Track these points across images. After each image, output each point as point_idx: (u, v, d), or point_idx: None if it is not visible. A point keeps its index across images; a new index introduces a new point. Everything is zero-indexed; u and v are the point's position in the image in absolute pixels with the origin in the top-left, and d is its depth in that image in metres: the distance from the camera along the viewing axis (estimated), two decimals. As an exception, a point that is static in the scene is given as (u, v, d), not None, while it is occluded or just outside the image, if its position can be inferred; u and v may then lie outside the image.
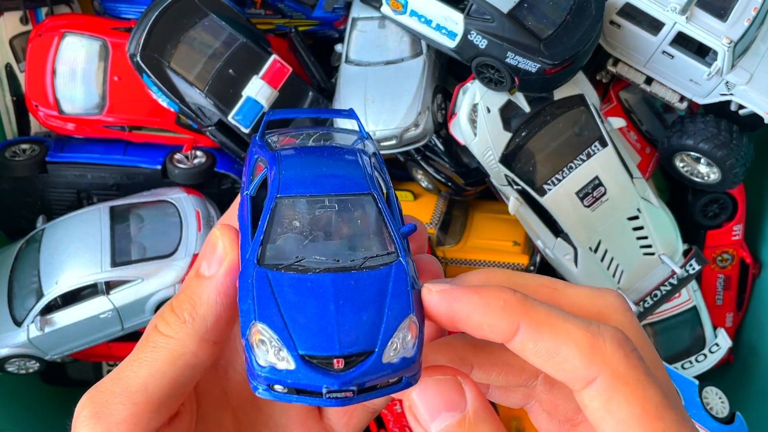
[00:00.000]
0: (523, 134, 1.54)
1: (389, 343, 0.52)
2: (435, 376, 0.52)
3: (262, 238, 0.59)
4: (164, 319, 0.58)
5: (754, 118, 1.55)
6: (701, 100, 1.58)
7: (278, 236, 0.59)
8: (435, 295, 0.55)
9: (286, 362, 0.53)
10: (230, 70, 1.57)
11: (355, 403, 0.53)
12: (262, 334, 0.54)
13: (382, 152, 1.64)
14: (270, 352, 0.53)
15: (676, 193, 1.91)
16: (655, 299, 1.64)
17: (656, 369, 0.55)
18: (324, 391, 0.51)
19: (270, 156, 0.63)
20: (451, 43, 1.50)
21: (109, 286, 1.54)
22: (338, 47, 1.75)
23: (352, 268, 0.56)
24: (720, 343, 1.79)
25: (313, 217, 0.59)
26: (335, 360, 0.52)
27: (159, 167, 1.70)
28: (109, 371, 1.85)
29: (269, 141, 0.70)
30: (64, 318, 1.55)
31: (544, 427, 0.62)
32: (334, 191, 0.59)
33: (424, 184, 1.81)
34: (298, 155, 0.64)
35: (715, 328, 1.82)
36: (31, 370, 1.63)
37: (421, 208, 1.78)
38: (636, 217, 1.58)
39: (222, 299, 0.58)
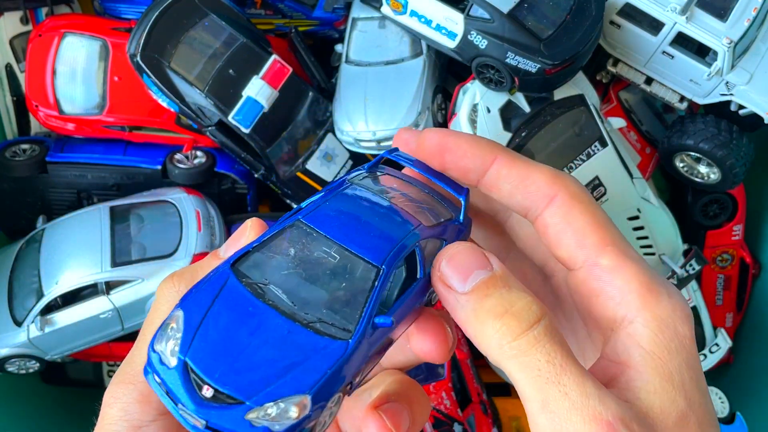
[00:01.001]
0: (523, 134, 1.54)
1: (263, 405, 0.49)
2: (462, 245, 0.57)
3: (254, 246, 0.58)
4: (173, 282, 0.61)
5: (754, 118, 1.55)
6: (701, 100, 1.58)
7: (269, 253, 0.58)
8: (432, 132, 0.66)
9: (171, 358, 0.52)
10: (230, 71, 1.57)
11: None
12: (175, 322, 0.53)
13: (382, 152, 1.63)
14: (169, 341, 0.52)
15: (676, 193, 1.91)
16: (655, 299, 1.64)
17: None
18: (179, 406, 0.50)
19: (337, 184, 0.64)
20: (451, 43, 1.50)
21: (110, 286, 1.54)
22: (338, 47, 1.75)
23: (298, 320, 0.53)
24: (720, 343, 1.80)
25: (310, 255, 0.57)
26: (206, 386, 0.50)
27: (159, 167, 1.70)
28: (109, 371, 1.87)
29: (365, 174, 0.69)
30: (64, 318, 1.55)
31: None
32: (346, 243, 0.56)
33: (424, 184, 1.81)
34: (357, 197, 0.62)
35: (715, 328, 1.82)
36: (31, 370, 1.63)
37: (421, 208, 1.78)
38: (636, 217, 1.58)
39: None
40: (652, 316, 0.55)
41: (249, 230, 0.61)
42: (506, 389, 1.85)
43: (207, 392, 0.50)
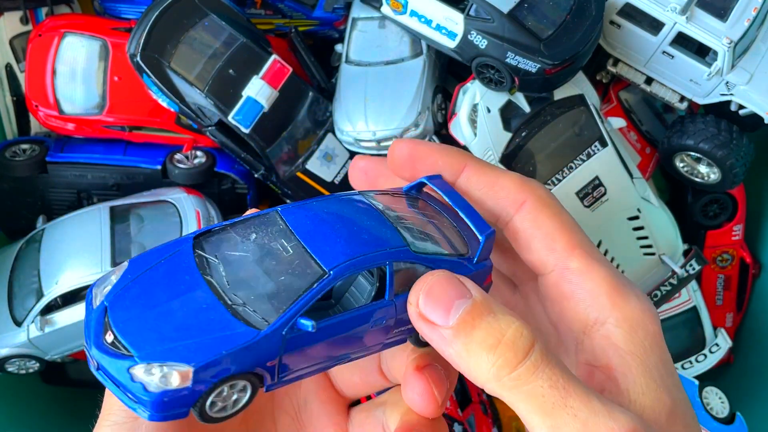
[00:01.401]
0: (523, 134, 1.54)
1: (149, 363, 0.50)
2: (437, 275, 0.55)
3: (225, 224, 0.60)
4: None
5: (755, 118, 1.55)
6: (701, 100, 1.58)
7: (234, 234, 0.59)
8: (402, 142, 0.67)
9: (97, 300, 0.55)
10: (230, 70, 1.57)
11: (99, 379, 0.53)
12: (118, 271, 0.57)
13: (382, 153, 1.64)
14: (105, 286, 0.56)
15: (676, 193, 1.91)
16: (655, 299, 1.64)
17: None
18: (84, 341, 0.54)
19: (351, 193, 0.66)
20: (451, 43, 1.50)
21: (109, 286, 1.54)
22: (338, 47, 1.75)
23: (223, 299, 0.54)
24: (720, 343, 1.80)
25: (268, 245, 0.58)
26: (109, 332, 0.53)
27: (159, 167, 1.70)
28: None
29: (386, 192, 0.69)
30: (64, 318, 1.55)
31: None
32: (305, 241, 0.57)
33: (424, 184, 1.81)
34: (353, 205, 0.62)
35: (715, 328, 1.82)
36: (31, 370, 1.63)
37: (421, 208, 1.78)
38: (636, 217, 1.58)
39: None
40: (623, 316, 0.56)
41: None
42: (506, 389, 1.85)
43: (108, 337, 0.53)
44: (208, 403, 0.53)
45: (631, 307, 0.57)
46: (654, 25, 1.50)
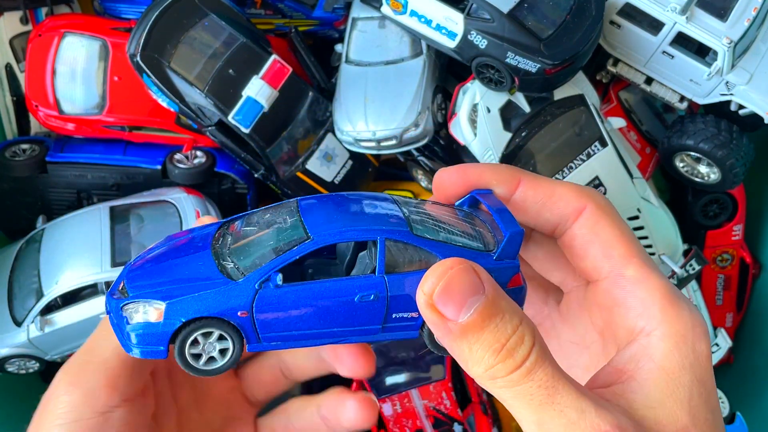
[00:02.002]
0: (524, 134, 1.54)
1: (136, 301, 0.57)
2: (456, 267, 0.54)
3: (255, 210, 0.65)
4: None
5: (754, 118, 1.55)
6: (701, 100, 1.58)
7: (254, 216, 0.64)
8: (449, 169, 0.66)
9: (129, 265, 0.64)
10: (230, 70, 1.57)
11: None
12: (152, 246, 0.69)
13: (382, 152, 1.64)
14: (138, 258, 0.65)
15: (676, 193, 1.91)
16: (655, 299, 1.64)
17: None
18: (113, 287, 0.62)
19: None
20: (451, 43, 1.50)
21: (109, 286, 1.54)
22: (338, 47, 1.75)
23: (217, 258, 0.60)
24: (720, 344, 1.79)
25: (277, 221, 0.62)
26: (122, 282, 0.60)
27: (159, 167, 1.70)
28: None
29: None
30: (64, 318, 1.55)
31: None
32: (304, 217, 0.60)
33: (424, 184, 1.81)
34: (371, 199, 0.64)
35: (715, 328, 1.82)
36: (31, 370, 1.63)
37: (421, 208, 1.78)
38: (636, 217, 1.58)
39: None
40: (672, 330, 0.56)
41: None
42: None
43: (120, 287, 0.60)
44: (187, 350, 0.57)
45: (682, 322, 0.56)
46: (654, 25, 1.50)
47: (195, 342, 0.58)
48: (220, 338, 0.58)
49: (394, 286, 0.59)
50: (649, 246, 1.60)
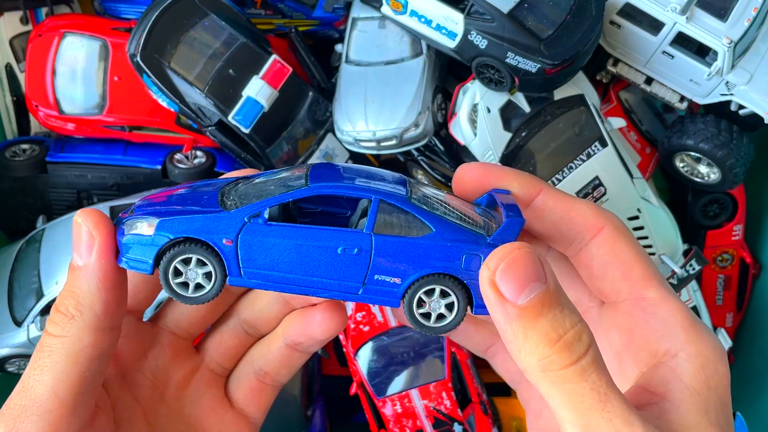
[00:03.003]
0: (523, 134, 1.54)
1: (135, 219, 0.61)
2: (523, 249, 0.53)
3: (268, 172, 0.67)
4: (52, 320, 0.59)
5: (755, 118, 1.55)
6: (701, 100, 1.58)
7: (273, 173, 0.66)
8: (473, 165, 0.66)
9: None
10: (230, 70, 1.57)
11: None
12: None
13: (382, 152, 1.64)
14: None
15: (676, 193, 1.91)
16: (655, 299, 1.64)
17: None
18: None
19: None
20: (451, 43, 1.50)
21: (109, 286, 1.54)
22: (338, 47, 1.75)
23: (221, 198, 0.63)
24: (720, 343, 1.79)
25: (287, 177, 0.64)
26: (131, 210, 0.64)
27: (159, 167, 1.70)
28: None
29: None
30: (64, 318, 1.55)
31: (510, 369, 0.72)
32: (311, 174, 0.63)
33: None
34: (372, 170, 0.66)
35: (715, 328, 1.82)
36: (31, 370, 1.63)
37: (421, 208, 1.78)
38: (636, 217, 1.58)
39: (103, 284, 0.58)
40: (696, 352, 0.56)
41: (85, 223, 0.59)
42: (506, 389, 1.85)
43: (130, 212, 0.64)
44: (171, 274, 0.60)
45: (705, 344, 0.56)
46: (654, 25, 1.50)
47: (178, 273, 0.61)
48: (202, 264, 0.60)
49: (380, 246, 0.59)
50: (649, 246, 1.60)
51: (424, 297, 0.60)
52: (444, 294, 0.60)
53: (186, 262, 0.61)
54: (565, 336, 0.51)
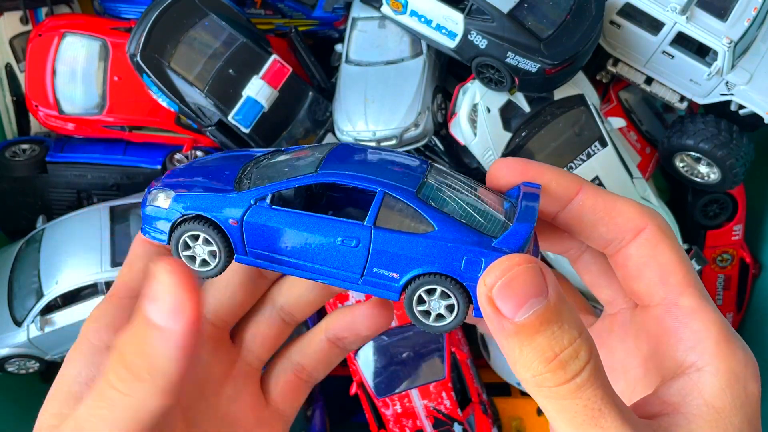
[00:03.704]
0: (523, 134, 1.54)
1: (156, 190, 0.65)
2: (524, 265, 0.51)
3: (298, 148, 0.68)
4: (118, 374, 0.54)
5: (755, 118, 1.55)
6: (701, 100, 1.58)
7: (292, 153, 0.67)
8: (510, 160, 0.64)
9: None
10: (230, 70, 1.57)
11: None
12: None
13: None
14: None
15: (676, 193, 1.91)
16: (655, 299, 1.64)
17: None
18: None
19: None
20: (451, 43, 1.50)
21: (109, 286, 1.54)
22: (338, 47, 1.75)
23: (238, 177, 0.65)
24: (720, 343, 1.79)
25: (305, 158, 0.65)
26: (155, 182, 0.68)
27: (159, 167, 1.70)
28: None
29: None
30: (64, 318, 1.55)
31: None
32: (326, 159, 0.63)
33: (424, 184, 1.81)
34: (393, 157, 0.66)
35: (715, 328, 1.82)
36: (31, 370, 1.63)
37: (421, 208, 1.78)
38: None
39: (184, 352, 0.54)
40: (726, 367, 0.54)
41: (177, 290, 0.53)
42: (506, 389, 1.85)
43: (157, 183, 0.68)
44: (181, 247, 0.63)
45: (737, 360, 0.55)
46: (654, 25, 1.50)
47: (187, 246, 0.63)
48: (208, 242, 0.62)
49: (379, 239, 0.59)
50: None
51: (424, 295, 0.59)
52: (445, 295, 0.59)
53: (195, 237, 0.62)
54: (562, 354, 0.50)
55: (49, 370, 1.79)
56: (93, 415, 0.55)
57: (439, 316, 0.60)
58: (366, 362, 1.63)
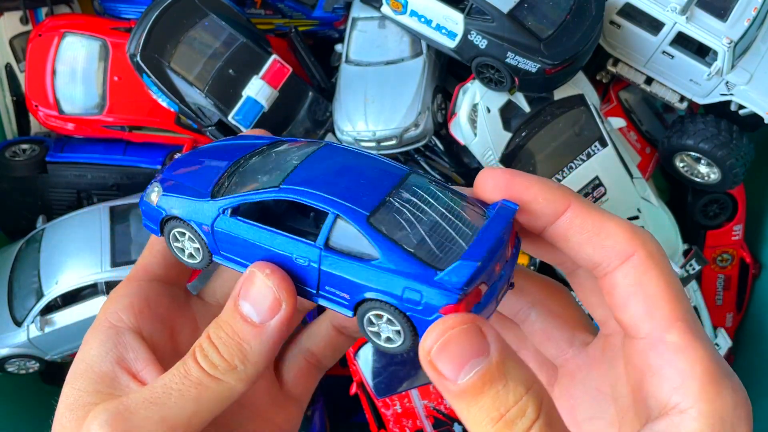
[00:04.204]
0: (523, 134, 1.54)
1: (153, 183, 0.69)
2: (459, 327, 0.51)
3: (289, 141, 0.70)
4: (211, 360, 0.58)
5: (755, 118, 1.55)
6: (701, 100, 1.58)
7: (274, 155, 0.68)
8: (497, 171, 0.60)
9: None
10: (230, 70, 1.57)
11: None
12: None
13: (382, 152, 1.64)
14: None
15: (676, 193, 1.91)
16: (655, 299, 1.64)
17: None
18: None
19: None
20: (451, 43, 1.50)
21: (109, 286, 1.54)
22: (338, 47, 1.75)
23: (220, 184, 0.66)
24: (720, 344, 1.79)
25: (284, 160, 0.67)
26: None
27: (159, 167, 1.70)
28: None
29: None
30: (64, 318, 1.55)
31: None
32: (299, 166, 0.64)
33: (424, 184, 1.81)
34: (370, 168, 0.66)
35: (715, 328, 1.82)
36: (31, 370, 1.63)
37: (421, 208, 1.78)
38: (636, 217, 1.58)
39: (276, 347, 0.59)
40: (711, 410, 0.51)
41: (279, 290, 0.59)
42: (506, 389, 1.85)
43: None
44: (172, 243, 0.66)
45: (722, 401, 0.51)
46: (654, 25, 1.50)
47: (177, 239, 0.67)
48: (192, 239, 0.66)
49: (327, 262, 0.59)
50: (649, 246, 1.60)
51: (373, 318, 0.59)
52: (390, 321, 0.58)
53: (182, 233, 0.66)
54: (507, 414, 0.49)
55: (49, 370, 1.79)
56: (178, 391, 0.58)
57: (389, 339, 0.60)
58: (366, 362, 1.63)
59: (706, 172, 1.67)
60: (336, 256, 0.58)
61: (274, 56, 1.61)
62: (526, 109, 1.54)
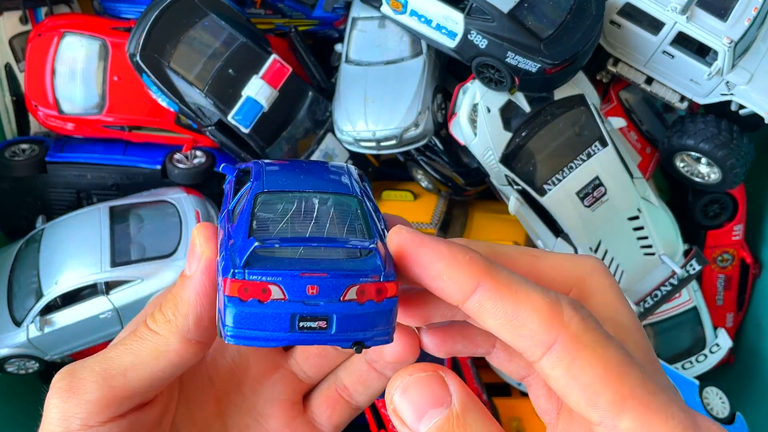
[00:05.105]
0: (524, 134, 1.53)
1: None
2: (417, 374, 0.50)
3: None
4: (153, 315, 0.61)
5: (755, 118, 1.54)
6: (701, 100, 1.58)
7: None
8: (405, 234, 0.53)
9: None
10: (230, 70, 1.57)
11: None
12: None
13: (382, 152, 1.64)
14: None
15: (677, 193, 1.91)
16: (655, 299, 1.64)
17: (635, 332, 0.53)
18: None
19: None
20: (451, 43, 1.50)
21: (109, 286, 1.54)
22: (338, 47, 1.75)
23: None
24: (720, 344, 1.79)
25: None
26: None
27: (159, 167, 1.70)
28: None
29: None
30: (63, 318, 1.55)
31: (542, 405, 0.60)
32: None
33: (424, 184, 1.81)
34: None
35: (715, 328, 1.82)
36: (31, 370, 1.63)
37: (421, 208, 1.78)
38: (636, 217, 1.58)
39: (201, 299, 0.59)
40: None
41: (198, 237, 0.60)
42: (506, 389, 1.85)
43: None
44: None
45: None
46: (654, 25, 1.50)
47: None
48: None
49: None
50: (649, 246, 1.60)
51: None
52: None
53: None
54: None
55: (49, 370, 1.79)
56: (121, 345, 0.61)
57: None
58: (366, 362, 1.63)
59: (707, 172, 1.67)
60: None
61: (273, 56, 1.60)
62: (527, 109, 1.54)
